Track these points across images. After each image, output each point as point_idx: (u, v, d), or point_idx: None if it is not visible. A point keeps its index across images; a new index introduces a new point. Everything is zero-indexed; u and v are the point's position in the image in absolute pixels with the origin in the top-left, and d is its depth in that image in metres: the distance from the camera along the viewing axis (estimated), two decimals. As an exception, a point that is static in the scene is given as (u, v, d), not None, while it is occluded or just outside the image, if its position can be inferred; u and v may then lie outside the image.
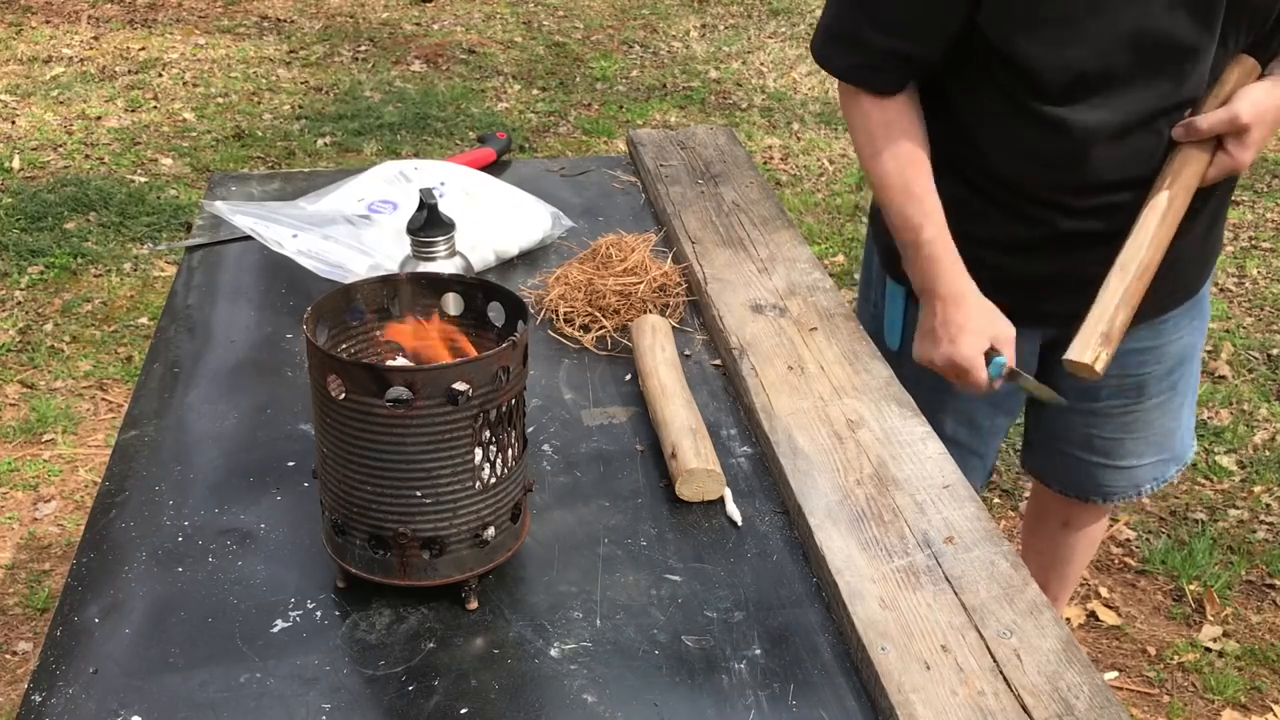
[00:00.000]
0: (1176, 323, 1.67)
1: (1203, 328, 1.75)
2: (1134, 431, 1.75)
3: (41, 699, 0.91)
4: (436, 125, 5.06)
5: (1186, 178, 1.41)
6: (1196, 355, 1.77)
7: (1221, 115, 1.39)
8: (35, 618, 2.58)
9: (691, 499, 1.15)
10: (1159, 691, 2.46)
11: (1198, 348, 1.76)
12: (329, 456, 0.98)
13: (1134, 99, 1.42)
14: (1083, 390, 1.69)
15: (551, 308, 1.46)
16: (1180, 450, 1.85)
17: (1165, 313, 1.65)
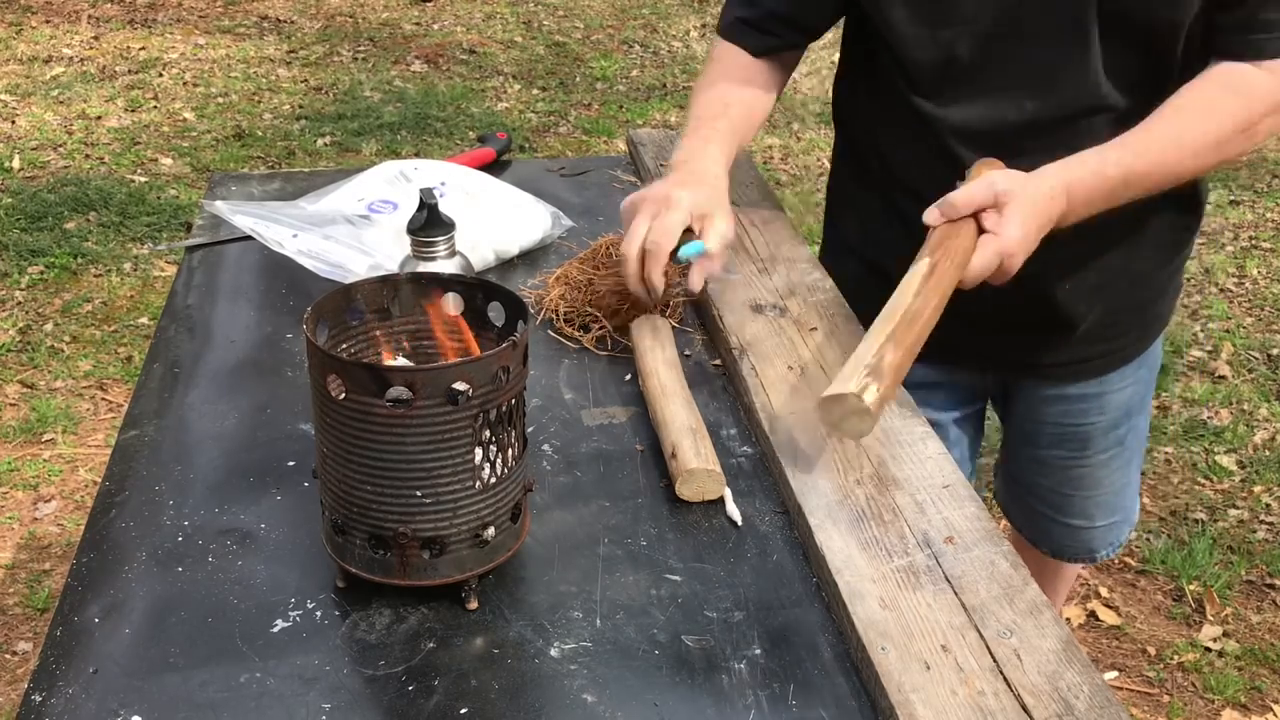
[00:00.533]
0: (1123, 372, 1.62)
1: (1151, 378, 1.69)
2: (1083, 489, 1.70)
3: (41, 699, 0.91)
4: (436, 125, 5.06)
5: (951, 249, 1.26)
6: (1145, 409, 1.71)
7: (977, 186, 1.28)
8: (35, 618, 2.58)
9: (692, 499, 1.15)
10: (1159, 691, 2.46)
11: (1146, 400, 1.70)
12: (329, 456, 0.98)
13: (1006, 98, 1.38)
14: (1024, 435, 1.66)
15: (551, 308, 1.46)
16: (1130, 511, 1.80)
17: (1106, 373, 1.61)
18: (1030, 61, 1.36)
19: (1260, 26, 1.30)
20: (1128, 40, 1.33)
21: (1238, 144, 1.35)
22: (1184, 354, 3.62)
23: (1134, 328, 1.59)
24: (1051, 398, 1.63)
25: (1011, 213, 1.26)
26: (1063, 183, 1.31)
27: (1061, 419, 1.63)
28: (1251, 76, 1.32)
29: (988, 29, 1.35)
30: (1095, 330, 1.55)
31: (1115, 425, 1.64)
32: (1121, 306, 1.55)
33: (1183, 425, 3.28)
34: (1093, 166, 1.31)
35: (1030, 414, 1.65)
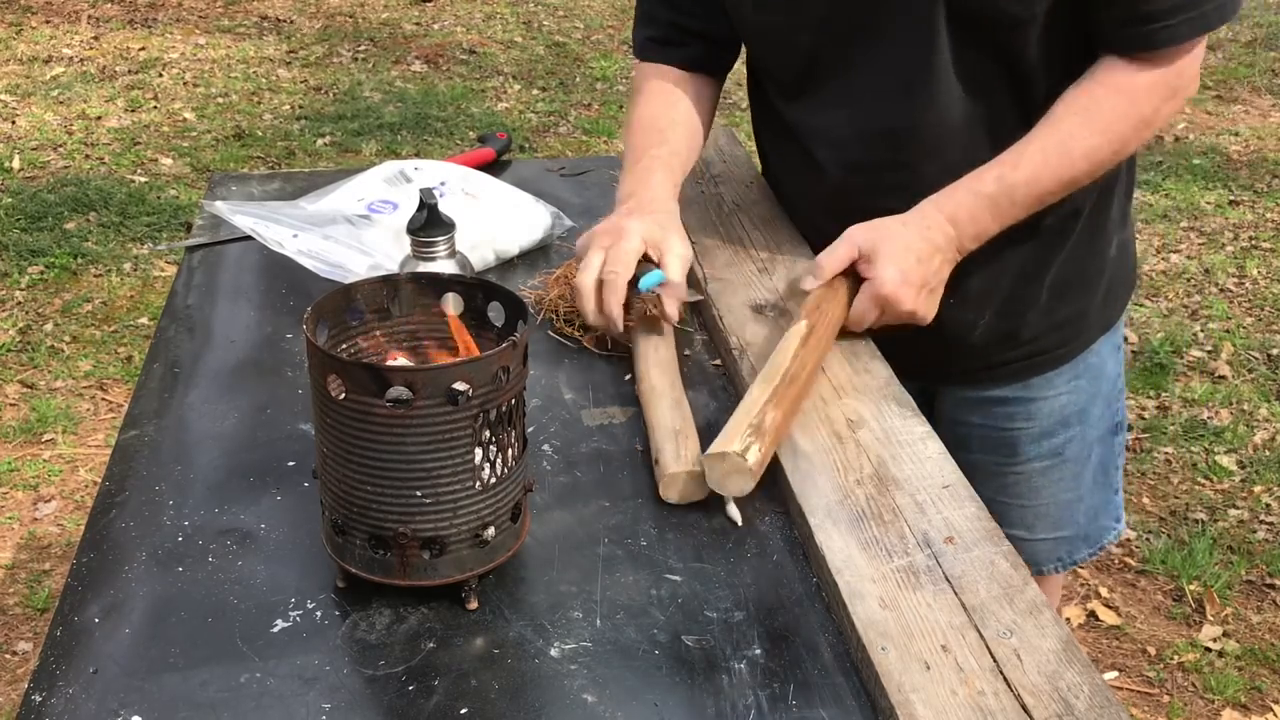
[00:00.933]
0: (1051, 380, 1.55)
1: (1096, 391, 1.59)
2: (1018, 498, 1.61)
3: (41, 699, 0.91)
4: (436, 125, 5.06)
5: (825, 310, 1.30)
6: (1091, 422, 1.60)
7: (839, 244, 1.33)
8: (35, 618, 2.58)
9: (680, 501, 1.14)
10: (1159, 691, 2.47)
11: (1090, 414, 1.59)
12: (329, 456, 0.98)
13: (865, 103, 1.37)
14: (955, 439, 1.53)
15: (551, 308, 1.46)
16: (1091, 529, 1.67)
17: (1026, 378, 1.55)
18: (884, 64, 1.35)
19: (1141, 18, 1.28)
20: (977, 40, 1.32)
21: (1133, 142, 1.35)
22: (1184, 354, 3.62)
23: (1048, 331, 1.52)
24: (973, 400, 1.58)
25: (880, 257, 1.30)
26: (937, 209, 1.33)
27: (987, 421, 1.58)
28: (1134, 73, 1.31)
29: (842, 31, 1.35)
30: (998, 336, 1.51)
31: (1048, 434, 1.57)
32: (1019, 310, 1.50)
33: (1183, 425, 3.28)
34: (967, 186, 1.33)
35: (956, 417, 1.59)
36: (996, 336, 1.51)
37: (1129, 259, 1.60)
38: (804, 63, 1.41)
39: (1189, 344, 3.67)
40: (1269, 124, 5.47)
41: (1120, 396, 1.65)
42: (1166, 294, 3.97)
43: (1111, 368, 1.61)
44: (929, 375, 1.55)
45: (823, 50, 1.38)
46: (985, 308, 1.49)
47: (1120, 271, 1.57)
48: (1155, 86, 1.31)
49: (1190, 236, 4.37)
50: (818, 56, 1.39)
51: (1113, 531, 1.70)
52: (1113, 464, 1.67)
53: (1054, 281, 1.49)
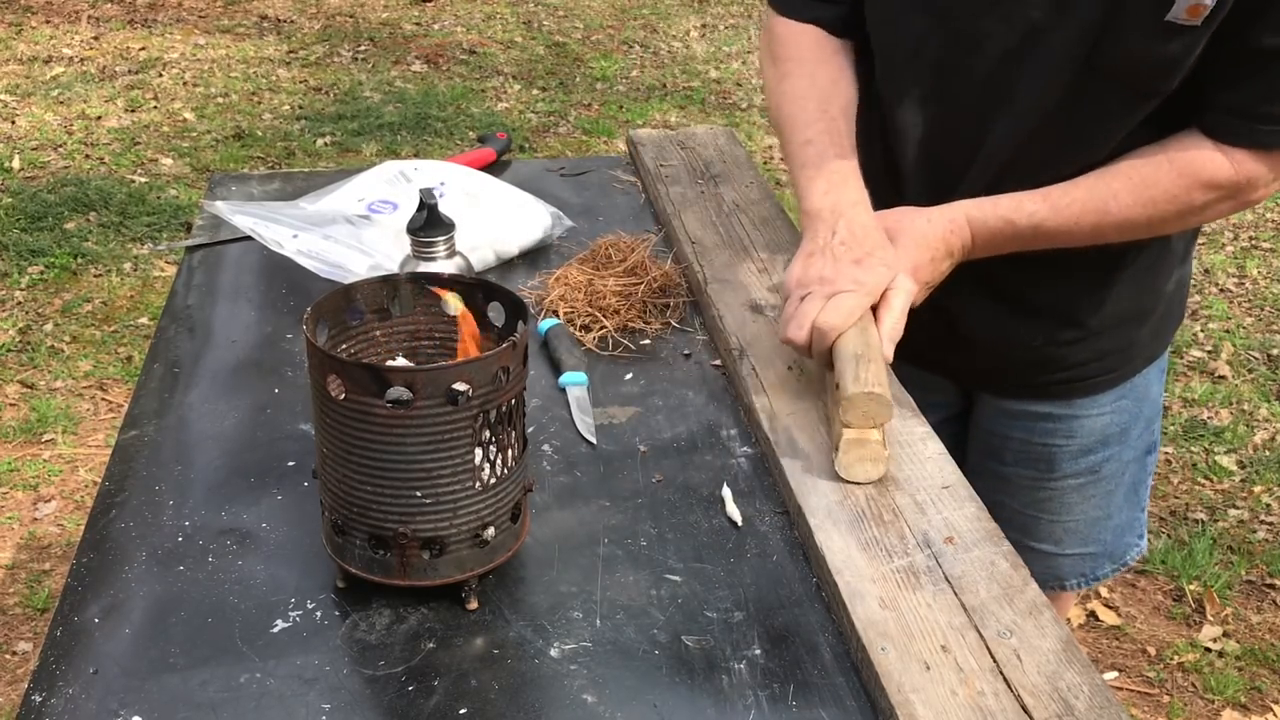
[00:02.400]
0: (1096, 399, 1.53)
1: (1138, 413, 1.56)
2: (1050, 512, 1.60)
3: (41, 699, 0.91)
4: (436, 125, 5.06)
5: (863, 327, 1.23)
6: (1129, 441, 1.57)
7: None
8: (35, 618, 2.58)
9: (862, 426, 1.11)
10: (1159, 691, 2.47)
11: (1130, 434, 1.57)
12: (329, 456, 0.98)
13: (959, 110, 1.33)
14: (989, 449, 1.59)
15: (551, 308, 1.46)
16: (1116, 546, 1.66)
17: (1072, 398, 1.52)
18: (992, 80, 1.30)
19: (1258, 117, 1.23)
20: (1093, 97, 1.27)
21: (1173, 225, 1.32)
22: (1184, 354, 3.62)
23: (1093, 359, 1.50)
24: (1014, 412, 1.56)
25: (897, 248, 1.27)
26: (966, 219, 1.30)
27: (1027, 436, 1.56)
28: (1209, 160, 1.26)
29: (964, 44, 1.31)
30: (1043, 357, 1.49)
31: (1087, 451, 1.55)
32: (1076, 339, 1.48)
33: (1183, 425, 3.28)
34: (1004, 210, 1.30)
35: (994, 428, 1.58)
36: (1043, 357, 1.49)
37: (1183, 294, 1.58)
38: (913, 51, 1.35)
39: (1189, 344, 3.67)
40: (1269, 124, 5.47)
41: (1158, 417, 1.63)
42: (1166, 294, 3.97)
43: (1155, 391, 1.59)
44: (974, 381, 1.55)
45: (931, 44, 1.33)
46: (1046, 329, 1.46)
47: (1174, 307, 1.55)
48: (1219, 181, 1.26)
49: (1190, 236, 4.37)
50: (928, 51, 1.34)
51: (1135, 549, 1.68)
52: (1143, 483, 1.64)
53: (1109, 313, 1.46)
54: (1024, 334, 1.47)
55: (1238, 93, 1.24)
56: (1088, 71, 1.25)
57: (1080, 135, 1.30)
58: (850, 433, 1.11)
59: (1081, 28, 1.23)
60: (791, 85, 1.44)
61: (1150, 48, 1.21)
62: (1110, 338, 1.48)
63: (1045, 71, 1.27)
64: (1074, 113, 1.29)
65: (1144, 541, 1.69)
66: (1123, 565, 1.68)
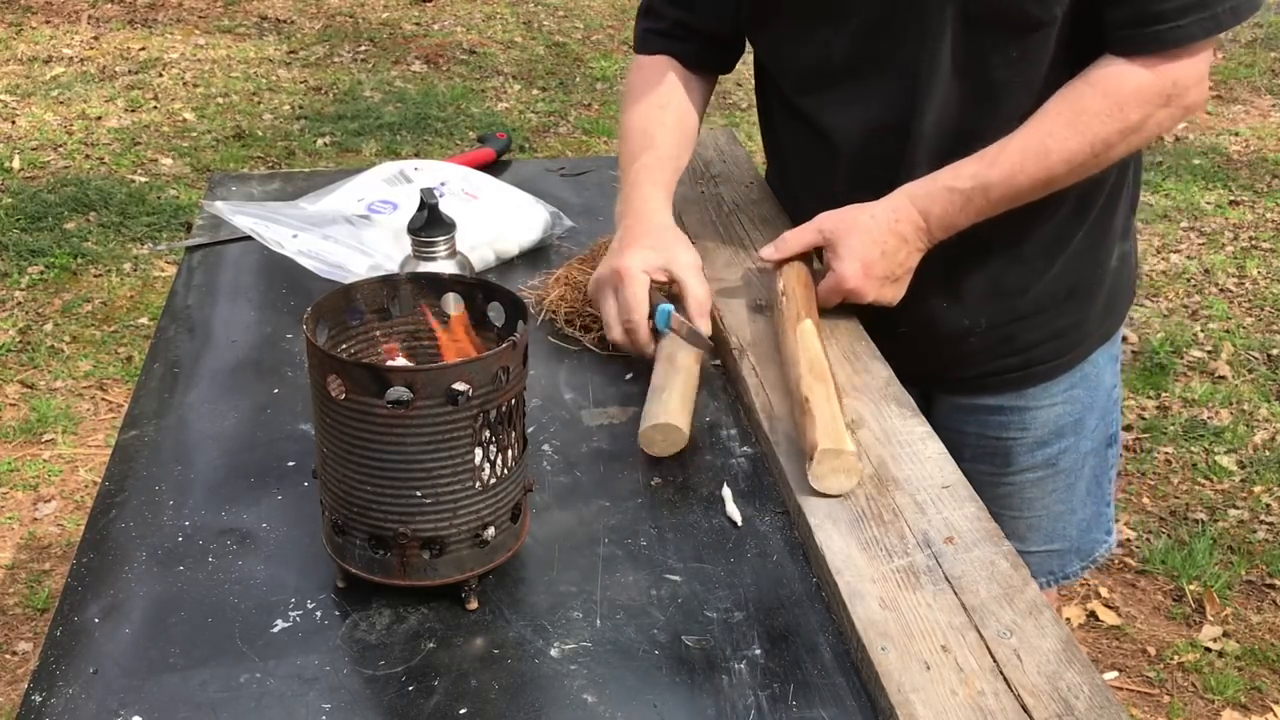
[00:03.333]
0: (1047, 388, 1.53)
1: (1091, 402, 1.57)
2: (1011, 508, 1.59)
3: (41, 699, 0.91)
4: (436, 125, 5.06)
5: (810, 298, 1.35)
6: (1086, 433, 1.58)
7: (805, 228, 1.37)
8: (35, 618, 2.59)
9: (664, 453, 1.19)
10: (1159, 691, 2.47)
11: (1085, 425, 1.57)
12: (329, 456, 0.98)
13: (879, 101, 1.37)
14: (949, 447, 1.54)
15: (551, 308, 1.46)
16: (1083, 542, 1.65)
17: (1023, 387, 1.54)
18: (894, 62, 1.34)
19: (1151, 18, 1.25)
20: (991, 42, 1.30)
21: (1119, 148, 1.31)
22: (1184, 354, 3.62)
23: (1045, 340, 1.51)
24: (968, 408, 1.56)
25: (843, 249, 1.33)
26: (909, 201, 1.32)
27: (982, 430, 1.56)
28: (1129, 73, 1.28)
29: (856, 28, 1.35)
30: (993, 341, 1.49)
31: (1042, 443, 1.56)
32: (1016, 317, 1.48)
33: (1183, 425, 3.28)
34: (943, 181, 1.32)
35: (950, 424, 1.55)
36: (992, 342, 1.50)
37: (1129, 270, 1.58)
38: (818, 59, 1.40)
39: (1189, 344, 3.67)
40: (1269, 124, 5.47)
41: (1116, 408, 1.63)
42: (1166, 294, 3.97)
43: (1108, 379, 1.59)
44: (926, 381, 1.54)
45: (837, 47, 1.38)
46: (981, 313, 1.48)
47: (1120, 283, 1.56)
48: (1144, 92, 1.28)
49: (1190, 236, 4.37)
50: (831, 54, 1.39)
51: (1104, 545, 1.68)
52: (1105, 476, 1.65)
53: (1053, 289, 1.47)
54: (966, 322, 1.48)
55: (1124, 4, 1.26)
56: (970, 22, 1.29)
57: (994, 89, 1.33)
58: (825, 443, 1.11)
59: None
60: (627, 119, 1.53)
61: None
62: (1057, 317, 1.50)
63: (935, 34, 1.30)
64: (977, 68, 1.32)
65: (1112, 538, 1.69)
66: (1091, 562, 1.67)
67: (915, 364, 1.39)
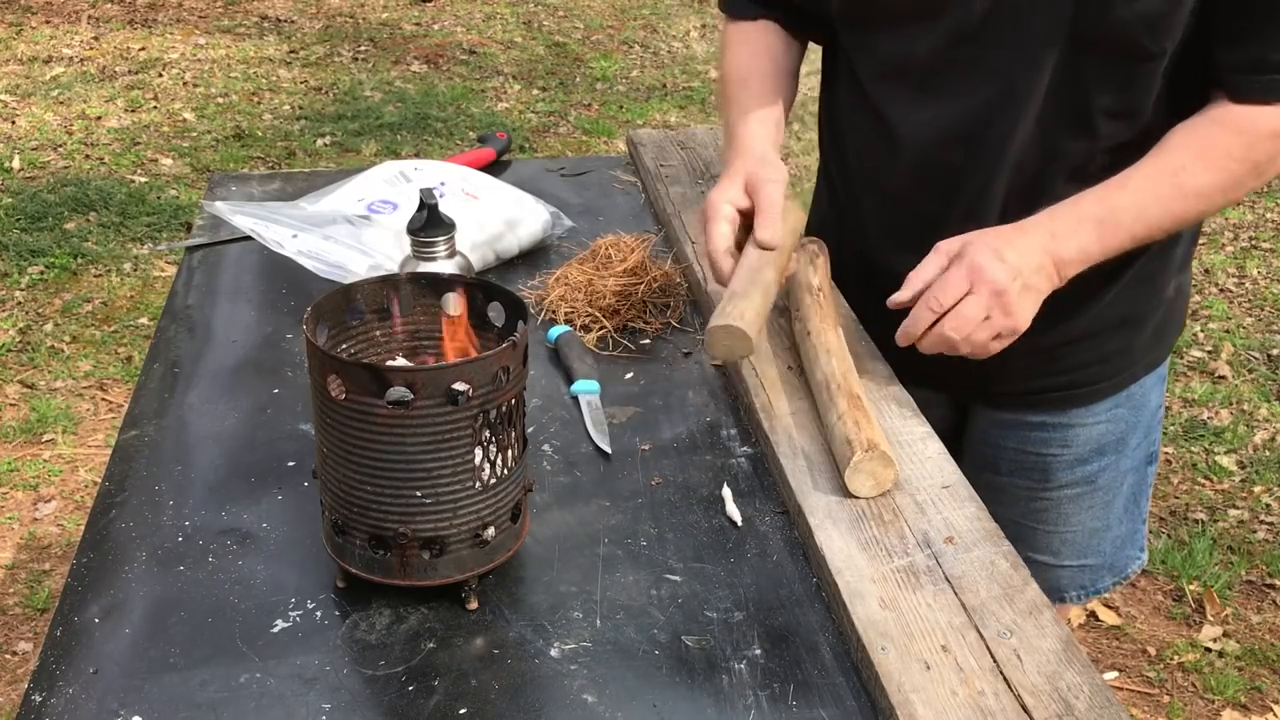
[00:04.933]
0: (1091, 408, 1.50)
1: (1136, 421, 1.53)
2: (1046, 523, 1.57)
3: (41, 699, 0.91)
4: (436, 125, 5.06)
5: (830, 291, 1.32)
6: (1127, 451, 1.54)
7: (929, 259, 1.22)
8: (35, 618, 2.59)
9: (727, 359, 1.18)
10: (1159, 691, 2.47)
11: (1127, 443, 1.53)
12: (329, 456, 0.98)
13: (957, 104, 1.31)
14: (984, 459, 1.56)
15: (551, 308, 1.46)
16: (1116, 559, 1.62)
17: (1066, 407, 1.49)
18: (984, 70, 1.29)
19: (1271, 67, 1.21)
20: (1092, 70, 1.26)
21: (1249, 182, 1.26)
22: (1184, 354, 3.62)
23: (1092, 364, 1.47)
24: (1008, 423, 1.53)
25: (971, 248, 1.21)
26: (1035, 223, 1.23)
27: (1021, 445, 1.53)
28: (1254, 117, 1.23)
29: (949, 26, 1.30)
30: (1039, 364, 1.45)
31: (1082, 461, 1.52)
32: (1069, 339, 1.44)
33: (1183, 425, 3.28)
34: (1067, 207, 1.23)
35: (988, 438, 1.55)
36: (1038, 361, 1.45)
37: (1183, 300, 1.54)
38: (903, 52, 1.35)
39: (1189, 344, 3.67)
40: (1269, 124, 5.47)
41: (1158, 427, 1.60)
42: (1166, 294, 3.97)
43: (1154, 399, 1.56)
44: (966, 393, 1.52)
45: (923, 43, 1.33)
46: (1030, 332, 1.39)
47: (1173, 313, 1.52)
48: (1276, 133, 1.23)
49: (1190, 236, 4.37)
50: (915, 49, 1.34)
51: (1137, 561, 1.65)
52: (1144, 494, 1.61)
53: (1106, 315, 1.44)
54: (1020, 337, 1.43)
55: (1248, 48, 1.22)
56: (1076, 44, 1.24)
57: (1083, 117, 1.28)
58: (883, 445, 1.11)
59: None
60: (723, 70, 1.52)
61: (1131, 5, 1.20)
62: (1107, 342, 1.46)
63: (1034, 51, 1.26)
64: (1071, 92, 1.27)
65: (1144, 554, 1.67)
66: (1124, 578, 1.65)
67: (955, 374, 1.35)
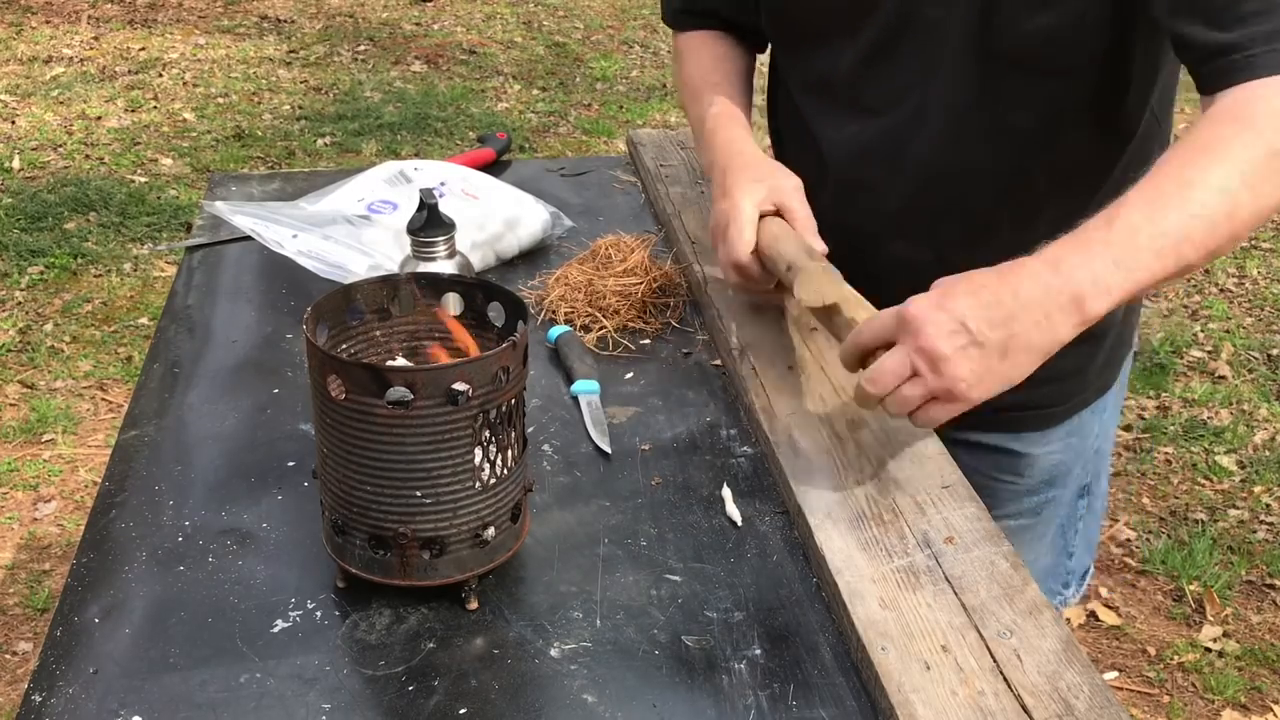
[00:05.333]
0: (1047, 433, 1.44)
1: (1083, 450, 1.47)
2: None
3: (41, 699, 0.91)
4: (436, 125, 5.06)
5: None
6: (1071, 483, 1.48)
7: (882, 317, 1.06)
8: (35, 618, 2.59)
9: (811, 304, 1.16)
10: (1159, 691, 2.47)
11: (1071, 474, 1.48)
12: (329, 456, 0.98)
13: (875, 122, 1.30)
14: None
15: (551, 308, 1.46)
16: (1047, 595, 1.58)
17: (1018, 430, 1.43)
18: (899, 87, 1.27)
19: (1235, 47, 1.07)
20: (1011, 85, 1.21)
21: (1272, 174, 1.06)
22: (1184, 354, 3.62)
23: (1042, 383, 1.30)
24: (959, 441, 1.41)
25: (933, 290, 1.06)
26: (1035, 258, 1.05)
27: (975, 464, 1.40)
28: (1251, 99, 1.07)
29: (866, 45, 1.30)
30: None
31: (1032, 492, 1.47)
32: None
33: (1183, 425, 3.28)
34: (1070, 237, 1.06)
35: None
36: None
37: (1133, 322, 1.50)
38: (826, 68, 1.36)
39: (1189, 344, 3.67)
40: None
41: (1102, 459, 1.54)
42: (1166, 294, 3.97)
43: (1099, 428, 1.50)
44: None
45: (844, 60, 1.33)
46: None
47: (1125, 331, 1.47)
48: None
49: (1190, 236, 4.37)
50: (838, 65, 1.34)
51: (1058, 598, 1.56)
52: (1072, 527, 1.55)
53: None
54: None
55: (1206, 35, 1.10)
56: (986, 59, 1.22)
57: (1011, 131, 1.24)
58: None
59: (966, 11, 1.21)
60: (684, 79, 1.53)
61: (1033, 18, 1.18)
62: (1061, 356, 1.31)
63: (945, 66, 1.25)
64: (989, 108, 1.25)
65: (1070, 591, 1.57)
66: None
67: None
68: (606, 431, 1.24)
